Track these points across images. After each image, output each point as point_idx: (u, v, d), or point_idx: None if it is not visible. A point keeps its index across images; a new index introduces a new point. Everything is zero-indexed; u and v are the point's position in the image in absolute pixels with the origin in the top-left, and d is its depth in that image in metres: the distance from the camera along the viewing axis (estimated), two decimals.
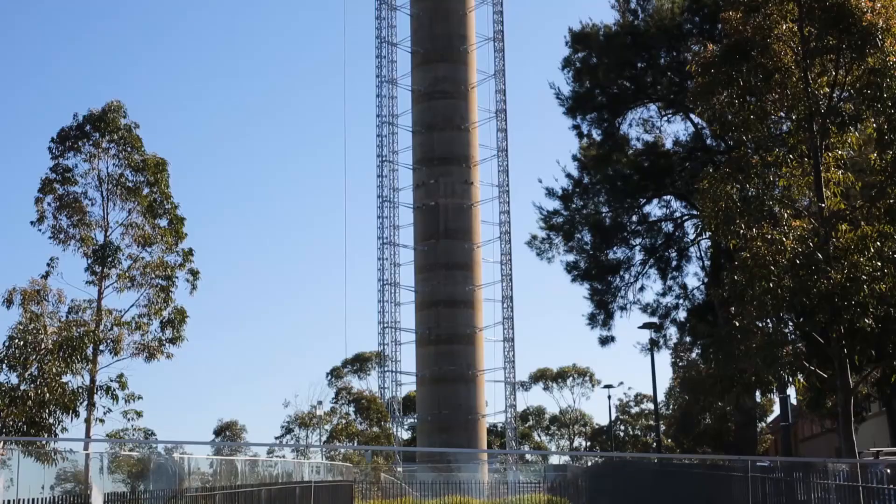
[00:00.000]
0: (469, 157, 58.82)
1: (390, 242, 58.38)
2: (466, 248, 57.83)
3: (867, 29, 22.66)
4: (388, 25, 59.32)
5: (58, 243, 35.13)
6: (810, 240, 22.86)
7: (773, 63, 23.91)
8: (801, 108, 23.69)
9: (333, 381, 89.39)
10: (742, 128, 24.41)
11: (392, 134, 59.05)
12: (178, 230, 35.85)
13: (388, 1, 59.23)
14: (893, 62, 22.79)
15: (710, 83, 24.31)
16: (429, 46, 58.77)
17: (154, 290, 35.14)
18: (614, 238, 47.66)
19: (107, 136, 35.62)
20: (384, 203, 58.48)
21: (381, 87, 58.90)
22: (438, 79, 58.53)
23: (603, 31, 47.37)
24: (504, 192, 59.33)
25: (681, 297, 47.77)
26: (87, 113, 35.80)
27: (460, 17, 59.04)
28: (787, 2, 23.98)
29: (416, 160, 59.10)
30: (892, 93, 22.71)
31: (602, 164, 47.28)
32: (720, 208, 23.79)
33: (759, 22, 24.10)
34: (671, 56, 46.09)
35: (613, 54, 46.32)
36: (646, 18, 46.82)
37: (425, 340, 58.02)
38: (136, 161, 35.68)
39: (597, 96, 47.36)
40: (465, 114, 58.83)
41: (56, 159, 35.75)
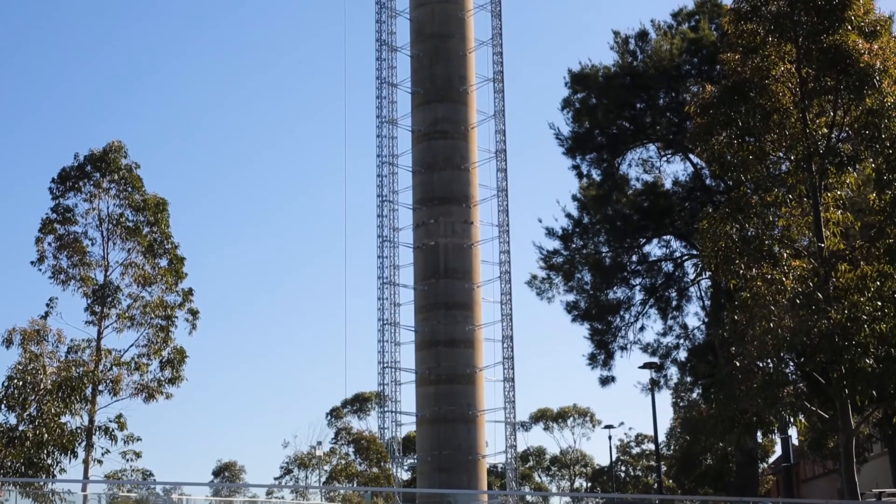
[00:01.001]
0: (469, 196, 58.89)
1: (390, 282, 58.35)
2: (466, 287, 57.77)
3: (865, 70, 22.80)
4: (389, 66, 59.58)
5: (58, 283, 35.16)
6: (810, 280, 22.86)
7: (771, 104, 24.03)
8: (800, 149, 23.77)
9: (333, 421, 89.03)
10: (741, 168, 24.49)
11: (392, 174, 59.16)
12: (177, 270, 35.88)
13: (389, 42, 59.53)
14: (891, 103, 22.91)
15: (709, 124, 24.42)
16: (429, 87, 58.98)
17: (153, 330, 35.11)
18: (614, 278, 47.65)
19: (107, 176, 35.75)
20: (384, 243, 58.50)
21: (382, 127, 59.08)
22: (438, 119, 58.71)
23: (602, 71, 47.63)
24: (504, 232, 59.36)
25: (681, 336, 47.70)
26: (88, 153, 35.95)
27: (460, 58, 59.31)
28: (785, 43, 24.14)
29: (416, 200, 59.17)
30: (891, 133, 22.81)
31: (602, 203, 47.36)
32: (720, 248, 23.82)
33: (757, 63, 24.25)
34: (670, 97, 46.31)
35: (613, 95, 46.53)
36: (645, 59, 47.09)
37: (425, 380, 57.83)
38: (137, 201, 35.78)
39: (596, 136, 47.53)
40: (465, 154, 58.94)
41: (57, 199, 35.85)
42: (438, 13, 59.32)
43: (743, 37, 24.56)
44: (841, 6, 23.31)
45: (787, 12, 23.91)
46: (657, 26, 48.11)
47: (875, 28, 23.53)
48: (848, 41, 23.14)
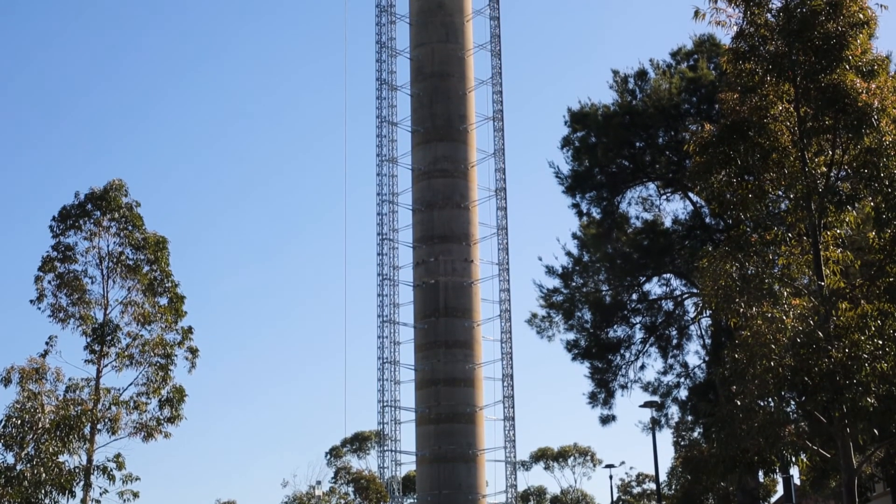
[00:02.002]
0: (469, 235, 58.96)
1: (390, 320, 58.26)
2: (466, 326, 57.70)
3: (863, 109, 22.88)
4: (389, 105, 59.87)
5: (57, 321, 35.09)
6: (811, 318, 22.83)
7: (770, 143, 24.11)
8: (799, 187, 23.82)
9: (332, 460, 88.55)
10: (741, 206, 24.53)
11: (392, 212, 59.26)
12: (177, 308, 35.83)
13: (389, 81, 59.83)
14: (890, 142, 22.98)
15: (708, 162, 24.48)
16: (429, 125, 59.24)
17: (153, 369, 35.01)
18: (614, 316, 47.61)
19: (108, 215, 35.79)
20: (384, 281, 58.48)
21: (382, 165, 59.27)
22: (438, 158, 58.91)
23: (601, 110, 47.84)
24: (504, 271, 59.39)
25: (682, 375, 47.58)
26: (88, 191, 36.02)
27: (460, 97, 59.60)
28: (783, 83, 24.26)
29: (416, 238, 59.23)
30: (889, 172, 22.86)
31: (602, 242, 47.42)
32: (720, 287, 23.80)
33: (755, 102, 24.35)
34: (669, 136, 46.49)
35: (612, 134, 46.71)
36: (644, 99, 47.31)
37: (425, 419, 57.61)
38: (137, 239, 35.80)
39: (596, 175, 47.67)
40: (464, 192, 59.09)
41: (57, 237, 35.88)
42: (438, 53, 59.67)
43: (741, 76, 24.68)
44: (838, 46, 23.44)
45: (785, 52, 24.05)
46: (656, 65, 48.39)
47: (873, 68, 23.65)
48: (846, 81, 23.25)
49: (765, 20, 24.41)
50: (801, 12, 23.93)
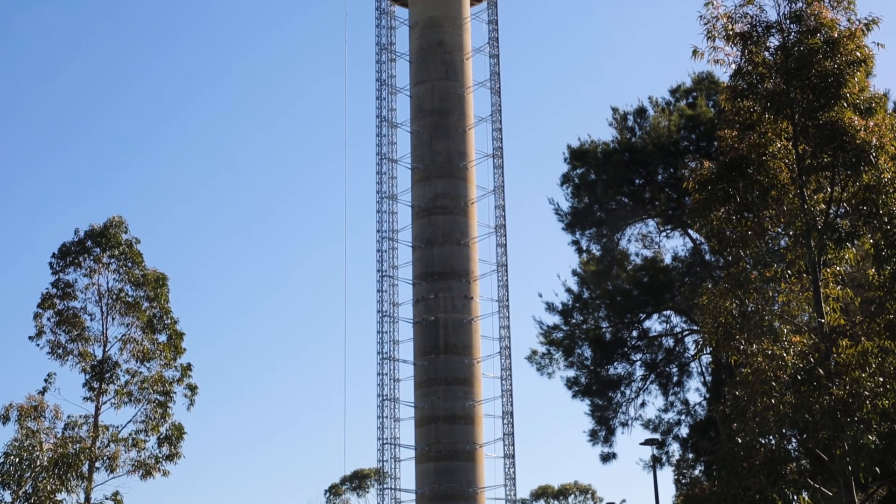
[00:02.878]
0: (469, 271, 58.91)
1: (390, 357, 58.12)
2: (466, 363, 57.55)
3: (861, 147, 22.96)
4: (389, 142, 60.03)
5: (56, 358, 35.09)
6: (811, 355, 22.79)
7: (769, 180, 24.17)
8: (799, 224, 23.85)
9: (332, 498, 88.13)
10: (740, 243, 24.55)
11: (392, 249, 59.25)
12: (176, 345, 35.82)
13: (389, 118, 60.03)
14: (888, 179, 23.05)
15: (707, 199, 24.53)
16: (429, 162, 59.36)
17: (152, 406, 34.94)
18: (615, 353, 47.51)
19: (108, 252, 35.87)
20: (384, 318, 58.38)
21: (382, 202, 59.33)
22: (438, 194, 58.98)
23: (601, 147, 47.99)
24: (504, 307, 59.29)
25: (682, 412, 47.41)
26: (88, 228, 36.11)
27: (460, 134, 59.77)
28: (782, 120, 24.35)
29: (415, 275, 59.18)
30: (889, 209, 22.91)
31: (602, 279, 47.40)
32: (720, 324, 23.78)
33: (754, 140, 24.43)
34: (668, 173, 46.60)
35: (611, 171, 46.83)
36: (643, 136, 47.47)
37: (425, 457, 57.33)
38: (137, 276, 35.85)
39: (595, 212, 47.74)
40: (464, 229, 59.10)
41: (57, 274, 35.93)
42: (438, 90, 59.91)
43: (740, 114, 24.78)
44: (836, 84, 23.55)
45: (783, 90, 24.16)
46: (655, 103, 48.61)
47: (870, 105, 23.75)
48: (844, 118, 23.34)
49: (763, 58, 24.55)
50: (798, 51, 24.07)
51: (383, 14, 60.89)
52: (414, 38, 60.89)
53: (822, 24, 23.93)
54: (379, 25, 60.75)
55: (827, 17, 23.96)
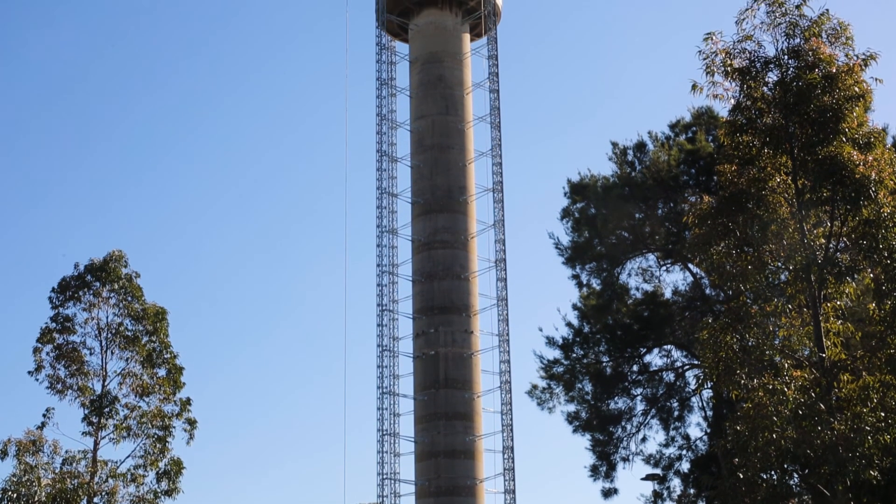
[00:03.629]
0: (469, 306, 58.85)
1: (390, 392, 57.96)
2: (466, 397, 57.39)
3: (861, 181, 23.03)
4: (389, 176, 60.15)
5: (55, 393, 35.01)
6: (812, 390, 22.74)
7: (769, 214, 24.22)
8: (799, 259, 23.87)
9: None
10: (740, 278, 24.56)
11: (392, 283, 59.23)
12: (176, 380, 35.76)
13: (389, 153, 60.19)
14: (888, 214, 23.09)
15: (707, 234, 24.57)
16: (429, 197, 59.45)
17: (151, 441, 34.83)
18: (615, 388, 47.37)
19: (107, 286, 35.89)
20: (384, 352, 58.27)
21: (382, 236, 59.36)
22: (438, 228, 59.03)
23: (601, 182, 48.08)
24: (504, 341, 59.18)
25: (684, 447, 47.20)
26: (88, 262, 36.13)
27: (460, 169, 59.91)
28: (781, 155, 24.43)
29: (416, 309, 59.12)
30: (888, 244, 22.93)
31: (602, 313, 47.34)
32: (721, 358, 23.75)
33: (753, 174, 24.50)
34: (668, 207, 46.65)
35: (611, 205, 46.89)
36: (643, 170, 47.58)
37: (425, 492, 57.05)
38: (136, 310, 35.85)
39: (595, 246, 47.75)
40: (464, 263, 59.10)
41: (56, 308, 35.93)
42: (438, 125, 60.13)
43: (739, 148, 24.86)
44: (835, 119, 23.65)
45: (782, 125, 24.26)
46: (654, 137, 48.75)
47: (869, 140, 23.84)
48: (843, 153, 23.42)
49: (761, 93, 24.66)
50: (797, 86, 24.19)
51: (384, 49, 61.21)
52: (414, 73, 61.18)
53: (820, 60, 24.06)
54: (379, 61, 61.05)
55: (825, 53, 24.10)
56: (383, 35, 61.31)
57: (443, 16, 61.03)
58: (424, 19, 61.02)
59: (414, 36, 61.33)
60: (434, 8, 60.95)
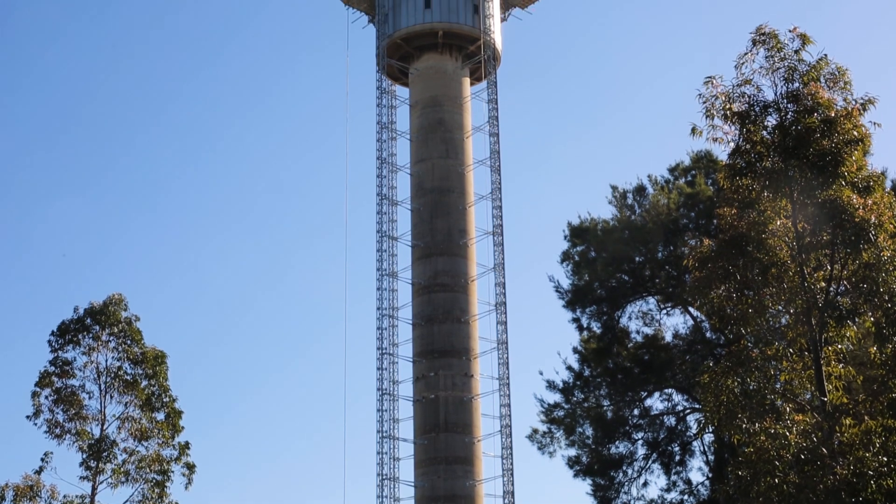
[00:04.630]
0: (469, 349, 58.70)
1: (390, 436, 57.67)
2: (467, 441, 57.09)
3: (860, 225, 23.04)
4: (389, 220, 60.21)
5: (53, 437, 34.87)
6: (814, 434, 22.63)
7: (769, 258, 24.22)
8: (799, 302, 23.84)
9: None
10: (741, 321, 24.52)
11: (392, 326, 59.11)
12: (174, 423, 35.62)
13: (390, 196, 60.31)
14: (888, 257, 23.08)
15: (707, 277, 24.56)
16: (429, 240, 59.47)
17: (149, 485, 34.63)
18: (616, 432, 47.16)
19: (107, 329, 35.86)
20: (384, 396, 58.05)
21: (382, 280, 59.32)
22: (438, 272, 59.00)
23: (601, 225, 48.15)
24: (505, 385, 58.95)
25: (685, 492, 46.90)
26: (88, 306, 36.12)
27: (460, 212, 59.98)
28: (781, 198, 24.47)
29: (416, 353, 58.96)
30: (889, 287, 22.91)
31: (602, 356, 47.24)
32: (722, 402, 23.65)
33: (753, 218, 24.53)
34: (668, 250, 46.68)
35: (612, 248, 46.92)
36: (642, 214, 47.66)
37: None
38: (136, 354, 35.80)
39: (596, 290, 47.72)
40: (464, 306, 59.01)
41: (55, 352, 35.87)
42: (439, 168, 60.29)
43: (739, 192, 24.91)
44: (834, 163, 23.72)
45: (782, 168, 24.31)
46: (654, 181, 48.90)
47: (868, 184, 23.90)
48: (842, 196, 23.46)
49: (760, 137, 24.75)
50: (796, 129, 24.28)
51: (384, 93, 61.51)
52: (414, 116, 61.44)
53: (819, 104, 24.17)
54: (380, 105, 61.34)
55: (824, 97, 24.21)
56: (384, 79, 61.64)
57: (443, 60, 61.38)
58: (425, 64, 61.37)
59: (414, 80, 61.65)
60: (434, 53, 61.32)
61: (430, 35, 60.76)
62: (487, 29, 60.53)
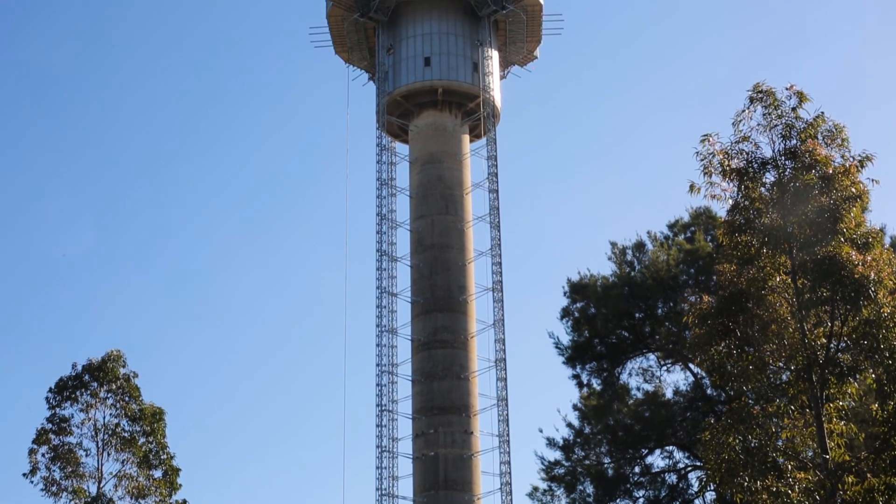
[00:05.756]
0: (469, 406, 58.43)
1: (389, 494, 57.22)
2: (466, 499, 56.62)
3: (860, 281, 23.05)
4: (389, 276, 60.21)
5: (50, 496, 34.64)
6: (816, 493, 22.47)
7: (769, 314, 24.19)
8: (800, 359, 23.77)
9: None
10: (742, 378, 24.43)
11: (392, 383, 58.90)
12: (172, 481, 35.39)
13: (389, 252, 60.37)
14: (888, 314, 23.05)
15: (707, 334, 24.51)
16: (429, 296, 59.43)
17: None
18: (617, 490, 46.77)
19: (105, 386, 35.76)
20: (383, 453, 57.67)
21: (382, 336, 59.19)
22: (438, 328, 58.90)
23: (600, 281, 48.12)
24: (504, 442, 58.59)
25: None
26: (86, 362, 36.03)
27: (460, 268, 60.00)
28: (780, 255, 24.49)
29: (415, 409, 58.68)
30: (889, 344, 22.86)
31: (603, 413, 46.98)
32: (723, 460, 23.50)
33: (753, 274, 24.53)
34: (668, 307, 46.60)
35: (611, 305, 46.85)
36: (642, 270, 47.67)
37: None
38: (133, 411, 35.66)
39: (596, 346, 47.60)
40: (464, 363, 58.83)
41: (53, 409, 35.73)
42: (438, 225, 60.41)
43: (738, 248, 24.94)
44: (833, 219, 23.78)
45: (780, 225, 24.36)
46: (653, 237, 48.95)
47: (867, 240, 23.93)
48: (841, 253, 23.48)
49: (759, 194, 24.83)
50: (794, 186, 24.37)
51: (384, 150, 61.81)
52: (414, 173, 61.67)
53: (816, 161, 24.28)
54: (380, 161, 61.60)
55: (821, 154, 24.33)
56: (384, 136, 61.96)
57: (442, 117, 61.76)
58: (424, 121, 61.75)
59: (414, 137, 61.98)
60: (434, 110, 61.71)
61: (429, 92, 61.19)
62: (487, 86, 60.95)
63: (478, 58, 61.59)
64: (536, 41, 64.99)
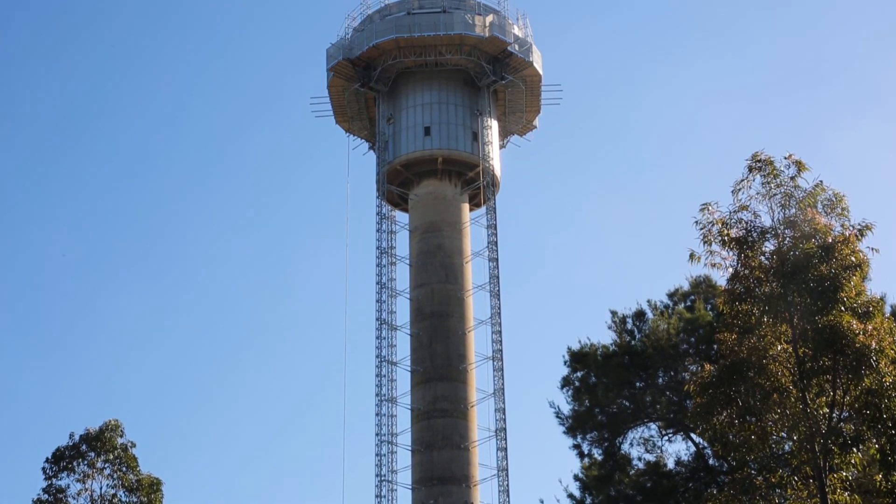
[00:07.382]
0: (469, 476, 57.95)
1: None
2: None
3: (861, 350, 22.98)
4: (389, 345, 60.08)
5: None
6: None
7: (770, 383, 24.08)
8: (802, 429, 23.62)
9: None
10: (744, 448, 24.26)
11: (391, 453, 58.50)
12: None
13: (389, 321, 60.28)
14: (890, 383, 22.95)
15: (709, 403, 24.38)
16: (428, 365, 59.24)
17: None
18: None
19: (102, 456, 35.48)
20: None
21: (381, 405, 58.90)
22: (438, 397, 58.63)
23: (601, 350, 47.93)
24: None
25: None
26: (83, 432, 35.76)
27: (460, 337, 59.87)
28: (780, 324, 24.44)
29: (415, 479, 58.19)
30: (892, 413, 22.74)
31: (604, 484, 46.51)
32: None
33: (753, 343, 24.47)
34: (669, 376, 46.40)
35: (612, 374, 46.62)
36: (642, 339, 47.51)
37: None
38: (131, 481, 35.34)
39: (596, 415, 47.27)
40: (464, 432, 58.47)
41: (49, 479, 35.40)
42: (438, 293, 60.38)
43: (738, 317, 24.90)
44: (833, 288, 23.76)
45: (781, 294, 24.34)
46: (653, 306, 48.85)
47: (868, 309, 23.90)
48: (842, 322, 23.43)
49: (759, 263, 24.84)
50: (794, 255, 24.39)
51: (384, 219, 62.01)
52: (414, 241, 61.78)
53: (816, 230, 24.34)
54: (379, 230, 61.76)
55: (821, 223, 24.38)
56: (384, 205, 62.19)
57: (442, 186, 62.04)
58: (424, 189, 62.01)
59: (414, 206, 62.20)
60: (433, 179, 62.02)
61: (429, 161, 61.56)
62: (486, 155, 61.31)
63: (477, 127, 62.04)
64: (536, 111, 65.54)
